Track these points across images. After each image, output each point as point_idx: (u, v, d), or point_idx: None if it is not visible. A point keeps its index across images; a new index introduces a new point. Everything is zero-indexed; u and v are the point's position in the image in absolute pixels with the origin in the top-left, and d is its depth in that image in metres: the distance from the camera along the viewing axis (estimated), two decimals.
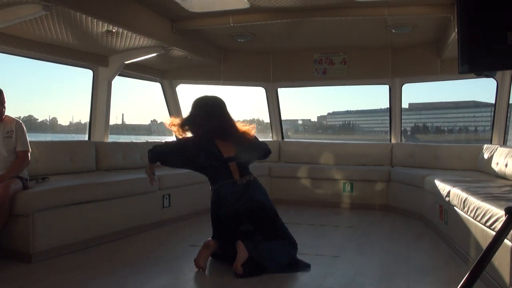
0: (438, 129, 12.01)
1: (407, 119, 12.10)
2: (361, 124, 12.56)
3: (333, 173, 7.49)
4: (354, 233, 5.56)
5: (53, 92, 11.15)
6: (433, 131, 12.01)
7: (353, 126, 12.95)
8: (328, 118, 13.37)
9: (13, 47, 5.20)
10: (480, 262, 1.52)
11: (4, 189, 4.00)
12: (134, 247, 4.77)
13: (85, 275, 3.75)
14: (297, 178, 7.70)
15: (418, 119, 12.29)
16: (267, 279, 3.70)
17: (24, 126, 4.50)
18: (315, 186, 7.59)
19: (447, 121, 12.11)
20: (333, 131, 13.04)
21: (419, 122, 12.25)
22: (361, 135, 12.21)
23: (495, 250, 1.54)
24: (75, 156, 5.79)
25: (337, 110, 13.47)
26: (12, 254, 4.09)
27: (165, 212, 5.82)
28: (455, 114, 11.83)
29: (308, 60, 7.94)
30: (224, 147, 4.17)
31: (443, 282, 3.67)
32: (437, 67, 7.11)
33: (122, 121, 10.64)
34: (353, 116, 12.98)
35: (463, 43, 1.58)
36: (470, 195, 4.09)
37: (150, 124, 10.01)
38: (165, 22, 5.91)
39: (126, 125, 10.54)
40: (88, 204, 4.68)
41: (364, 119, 12.15)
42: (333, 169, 7.56)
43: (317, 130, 12.75)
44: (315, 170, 7.63)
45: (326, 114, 13.34)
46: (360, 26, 6.18)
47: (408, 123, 11.98)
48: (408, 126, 12.01)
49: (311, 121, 12.97)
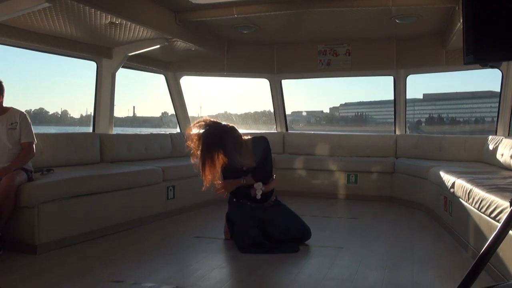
0: (454, 120, 11.84)
1: (422, 110, 11.99)
2: (374, 115, 12.41)
3: (338, 164, 7.49)
4: (358, 224, 5.56)
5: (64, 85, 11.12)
6: (448, 122, 11.85)
7: (366, 118, 12.79)
8: (340, 110, 13.23)
9: (17, 39, 5.21)
10: (484, 254, 1.51)
11: (9, 181, 4.02)
12: (139, 239, 4.79)
13: (90, 266, 3.76)
14: (301, 169, 7.70)
15: (433, 110, 12.12)
16: (270, 271, 3.71)
17: (29, 117, 4.51)
18: (319, 177, 7.58)
19: (463, 112, 11.93)
20: (345, 122, 12.91)
21: (434, 113, 12.09)
22: (373, 126, 12.07)
23: (500, 241, 1.53)
24: (80, 148, 5.80)
25: (349, 101, 13.28)
26: (18, 245, 4.11)
27: (170, 203, 5.83)
28: (471, 104, 11.65)
29: (312, 51, 7.91)
30: None
31: (448, 273, 3.67)
32: (442, 58, 7.08)
33: (133, 114, 10.66)
34: (366, 107, 12.82)
35: (468, 34, 1.57)
36: (474, 186, 4.08)
37: (161, 117, 10.01)
38: (168, 13, 5.90)
39: (137, 118, 10.55)
40: (93, 196, 4.69)
41: (377, 110, 11.99)
42: (337, 160, 7.55)
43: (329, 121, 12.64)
44: (319, 161, 7.63)
45: (339, 106, 13.22)
46: (365, 16, 6.14)
47: (422, 114, 11.85)
48: (423, 117, 11.90)
49: (323, 113, 12.85)
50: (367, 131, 12.05)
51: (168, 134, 7.36)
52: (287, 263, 4.04)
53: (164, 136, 7.23)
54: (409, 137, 7.77)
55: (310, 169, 7.64)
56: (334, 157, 7.77)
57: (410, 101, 11.53)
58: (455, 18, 5.50)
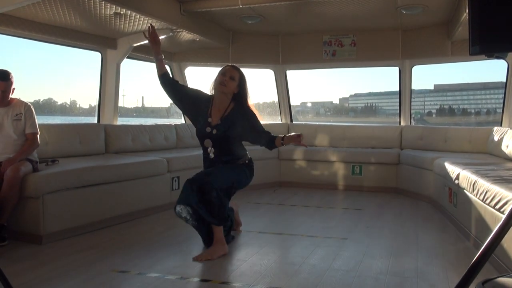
0: (465, 111, 11.74)
1: (432, 101, 11.91)
2: (384, 106, 12.30)
3: (342, 155, 7.48)
4: (363, 215, 5.56)
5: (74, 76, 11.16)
6: (459, 113, 11.75)
7: (376, 109, 12.68)
8: (350, 100, 13.14)
9: (22, 30, 5.20)
10: (489, 245, 1.51)
11: (15, 171, 4.04)
12: (144, 229, 4.81)
13: (94, 256, 3.79)
14: (306, 160, 7.70)
15: (444, 101, 12.02)
16: (274, 261, 3.72)
17: (33, 108, 4.53)
18: (324, 168, 7.58)
19: (474, 103, 11.83)
20: (355, 113, 12.83)
21: (444, 104, 11.99)
22: (383, 117, 11.97)
23: (504, 233, 1.53)
24: (85, 138, 5.82)
25: (359, 92, 13.18)
26: (23, 235, 4.15)
27: (174, 194, 5.83)
28: (482, 95, 11.54)
29: (317, 42, 7.88)
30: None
31: (452, 264, 3.67)
32: (448, 48, 7.04)
33: (142, 104, 10.69)
34: (376, 98, 12.70)
35: (474, 24, 1.55)
36: (479, 177, 4.07)
37: (170, 107, 10.03)
38: (173, 4, 5.88)
39: (145, 108, 10.57)
40: (98, 186, 4.72)
41: (387, 100, 11.88)
42: (342, 151, 7.54)
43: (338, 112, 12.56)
44: (324, 152, 7.61)
45: (348, 96, 13.15)
46: (370, 7, 6.10)
47: (433, 105, 11.78)
48: (434, 108, 11.82)
49: (332, 104, 12.78)
50: (377, 122, 11.95)
51: (173, 125, 7.36)
52: (292, 253, 4.06)
53: (169, 127, 7.23)
54: (414, 128, 7.75)
55: (315, 160, 7.64)
56: (338, 148, 7.76)
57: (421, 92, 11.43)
58: (461, 8, 5.46)
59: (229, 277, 3.39)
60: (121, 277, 3.32)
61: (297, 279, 3.31)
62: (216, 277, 3.34)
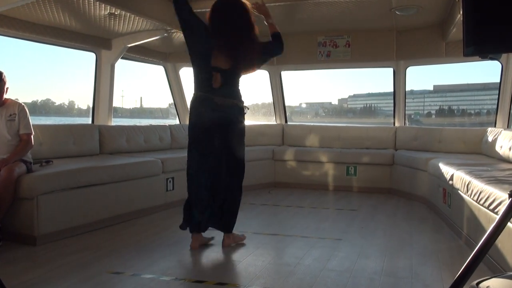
0: (464, 112, 11.74)
1: (432, 101, 11.90)
2: (383, 107, 12.32)
3: (337, 156, 7.49)
4: (358, 216, 5.57)
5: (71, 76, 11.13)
6: (459, 114, 11.76)
7: (375, 109, 12.67)
8: (349, 101, 13.13)
9: (16, 30, 5.18)
10: (483, 245, 1.52)
11: (8, 172, 4.02)
12: (138, 230, 4.80)
13: (89, 257, 3.77)
14: (300, 161, 7.70)
15: (443, 102, 12.02)
16: (269, 262, 3.73)
17: (27, 109, 4.51)
18: (318, 169, 7.59)
19: (473, 104, 11.83)
20: (354, 114, 12.82)
21: (444, 105, 12.00)
22: (382, 118, 11.99)
23: (498, 233, 1.54)
24: (79, 139, 5.80)
25: (358, 93, 13.18)
26: (17, 236, 4.13)
27: (169, 195, 5.84)
28: (482, 96, 11.55)
29: (312, 43, 7.89)
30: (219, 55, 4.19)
31: (446, 264, 3.68)
32: (442, 49, 7.06)
33: (140, 105, 10.67)
34: (375, 99, 12.69)
35: (468, 25, 1.56)
36: (473, 178, 4.09)
37: (168, 108, 10.02)
38: (167, 4, 5.85)
39: (144, 109, 10.56)
40: (92, 187, 4.70)
41: (387, 101, 11.92)
42: (336, 152, 7.55)
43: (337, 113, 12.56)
44: (318, 153, 7.62)
45: (347, 97, 13.14)
46: (365, 8, 6.10)
47: (433, 106, 11.78)
48: (433, 109, 11.83)
49: (331, 104, 12.77)
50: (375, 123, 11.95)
51: (167, 125, 7.35)
52: (286, 254, 4.06)
53: (163, 128, 7.22)
54: (408, 129, 7.77)
55: (309, 161, 7.64)
56: (333, 148, 7.78)
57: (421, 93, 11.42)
58: (455, 9, 5.48)
59: (224, 278, 3.38)
60: (116, 278, 3.31)
61: (292, 279, 3.31)
62: (211, 278, 3.33)
